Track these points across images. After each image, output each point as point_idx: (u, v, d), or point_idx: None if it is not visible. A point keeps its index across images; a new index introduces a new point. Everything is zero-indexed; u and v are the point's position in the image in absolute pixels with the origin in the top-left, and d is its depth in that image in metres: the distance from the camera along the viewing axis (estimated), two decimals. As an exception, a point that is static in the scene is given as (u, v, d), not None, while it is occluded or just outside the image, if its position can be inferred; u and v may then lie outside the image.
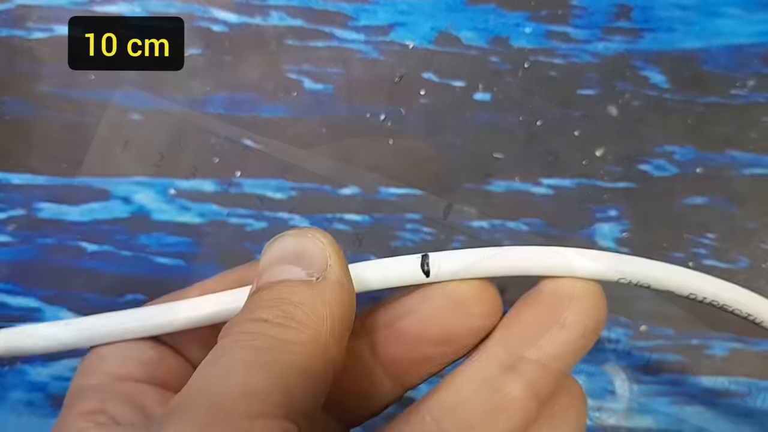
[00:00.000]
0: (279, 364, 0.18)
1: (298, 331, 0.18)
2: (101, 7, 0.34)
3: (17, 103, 0.34)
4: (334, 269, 0.20)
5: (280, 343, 0.18)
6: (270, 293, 0.19)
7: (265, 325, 0.18)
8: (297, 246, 0.20)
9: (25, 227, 0.33)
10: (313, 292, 0.19)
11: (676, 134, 0.32)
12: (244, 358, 0.17)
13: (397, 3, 0.34)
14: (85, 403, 0.22)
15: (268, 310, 0.18)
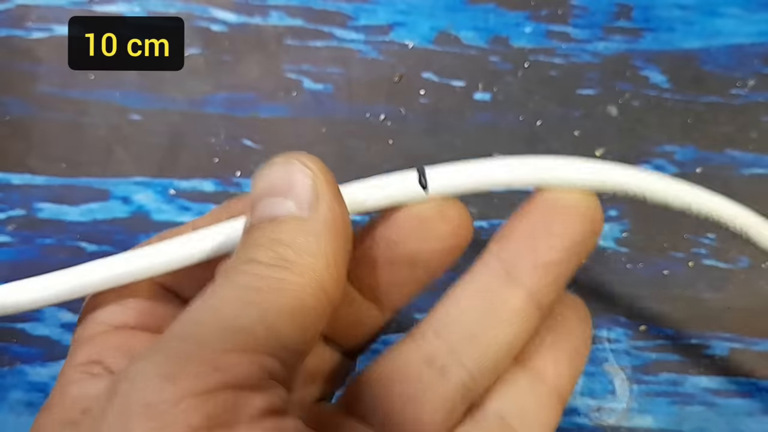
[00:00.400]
0: (268, 304, 0.17)
1: (291, 272, 0.18)
2: (101, 7, 0.34)
3: (17, 104, 0.34)
4: (325, 199, 0.19)
5: (273, 282, 0.17)
6: (261, 232, 0.19)
7: (258, 266, 0.18)
8: (285, 176, 0.19)
9: (25, 227, 0.33)
10: (304, 229, 0.18)
11: (676, 134, 0.32)
12: (232, 296, 0.17)
13: (396, 3, 0.34)
14: (80, 355, 0.21)
15: (261, 250, 0.18)
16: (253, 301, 0.17)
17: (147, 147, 0.33)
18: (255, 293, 0.17)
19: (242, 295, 0.17)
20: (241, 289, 0.17)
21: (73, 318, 0.32)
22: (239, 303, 0.17)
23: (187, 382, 0.15)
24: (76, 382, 0.20)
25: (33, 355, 0.32)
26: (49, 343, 0.32)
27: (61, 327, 0.32)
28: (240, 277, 0.18)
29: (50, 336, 0.32)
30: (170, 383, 0.15)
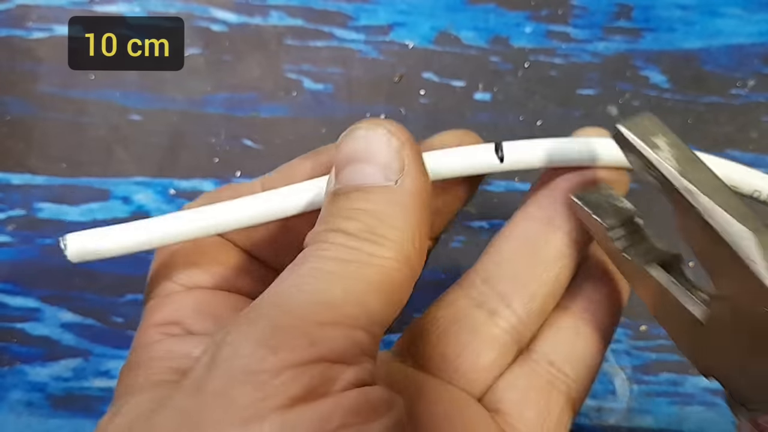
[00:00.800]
0: (358, 277, 0.18)
1: (380, 246, 0.18)
2: (101, 7, 0.34)
3: (17, 103, 0.34)
4: (411, 169, 0.19)
5: (363, 256, 0.18)
6: (349, 201, 0.19)
7: (347, 237, 0.18)
8: (372, 143, 0.19)
9: (25, 227, 0.33)
10: (392, 200, 0.19)
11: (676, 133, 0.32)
12: (323, 268, 0.17)
13: (397, 3, 0.34)
14: (157, 314, 0.21)
15: (349, 221, 0.18)
16: (344, 275, 0.17)
17: (147, 147, 0.33)
18: (345, 267, 0.18)
19: (334, 268, 0.17)
20: (331, 262, 0.18)
21: (73, 318, 0.32)
22: (332, 276, 0.17)
23: (286, 354, 0.16)
24: (157, 342, 0.20)
25: (33, 355, 0.32)
26: (48, 343, 0.32)
27: (60, 327, 0.32)
28: (330, 249, 0.18)
29: (50, 336, 0.32)
30: (272, 353, 0.16)
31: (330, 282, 0.17)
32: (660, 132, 0.19)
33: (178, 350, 0.20)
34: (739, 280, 0.18)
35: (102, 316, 0.32)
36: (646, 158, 0.18)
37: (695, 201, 0.18)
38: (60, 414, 0.32)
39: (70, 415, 0.32)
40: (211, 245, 0.22)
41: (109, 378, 0.32)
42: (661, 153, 0.18)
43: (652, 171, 0.18)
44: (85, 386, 0.32)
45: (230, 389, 0.16)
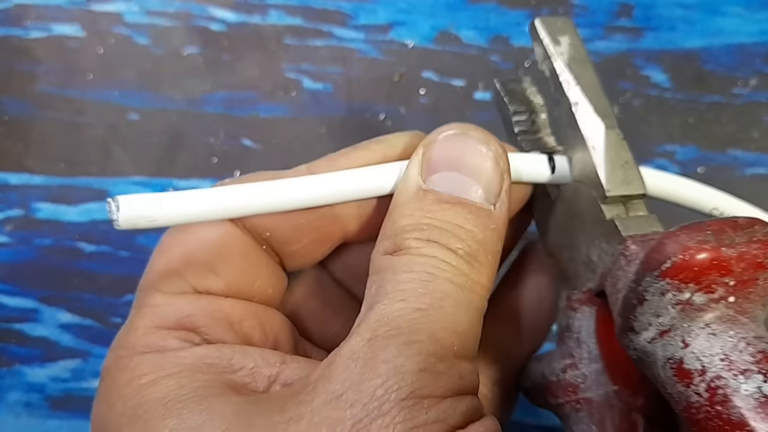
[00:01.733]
0: (472, 306, 0.18)
1: (479, 273, 0.18)
2: (99, 6, 0.34)
3: (15, 103, 0.34)
4: (506, 197, 0.19)
5: (471, 283, 0.18)
6: (453, 214, 0.18)
7: (458, 259, 0.18)
8: (481, 159, 0.19)
9: (23, 228, 0.33)
10: (490, 224, 0.19)
11: (677, 133, 0.32)
12: (452, 294, 0.18)
13: (397, 1, 0.34)
14: (165, 314, 0.19)
15: (457, 240, 0.18)
16: (465, 304, 0.18)
17: (146, 146, 0.33)
18: (463, 294, 0.18)
19: (457, 295, 0.18)
20: (453, 288, 0.18)
21: (72, 319, 0.32)
22: (459, 305, 0.18)
23: (446, 383, 0.16)
24: (178, 350, 0.18)
25: (31, 355, 0.32)
26: (47, 344, 0.32)
27: (59, 328, 0.32)
28: (448, 271, 0.18)
29: (48, 336, 0.32)
30: (435, 382, 0.16)
31: (460, 310, 0.17)
32: (568, 33, 0.21)
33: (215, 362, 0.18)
34: (582, 167, 0.20)
35: (101, 316, 0.32)
36: (546, 49, 0.21)
37: (568, 91, 0.20)
38: (58, 415, 0.32)
39: (68, 416, 0.31)
40: (227, 244, 0.20)
41: (107, 379, 0.32)
42: (559, 48, 0.21)
43: (548, 62, 0.21)
44: (83, 387, 0.32)
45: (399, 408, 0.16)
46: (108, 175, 0.33)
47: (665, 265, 0.16)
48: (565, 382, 0.21)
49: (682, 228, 0.17)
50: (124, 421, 0.17)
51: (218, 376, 0.18)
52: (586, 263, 0.20)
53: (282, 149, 0.33)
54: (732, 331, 0.17)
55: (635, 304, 0.17)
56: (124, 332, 0.19)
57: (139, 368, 0.18)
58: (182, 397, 0.17)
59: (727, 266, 0.16)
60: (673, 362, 0.17)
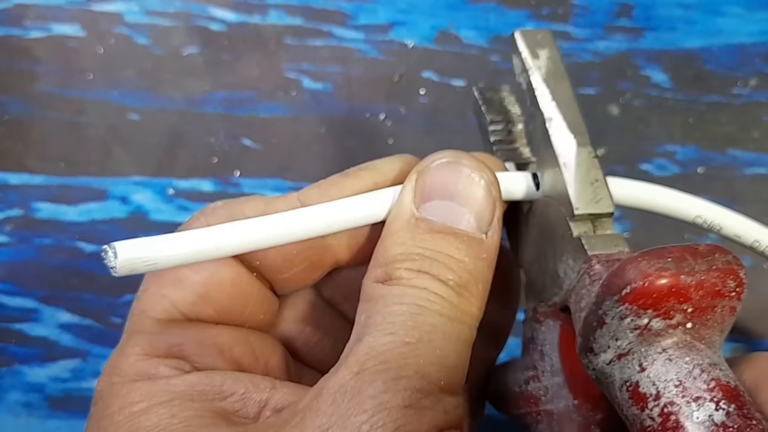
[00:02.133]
0: (462, 338, 0.18)
1: (471, 304, 0.18)
2: (99, 6, 0.34)
3: (15, 103, 0.34)
4: (497, 225, 0.19)
5: (461, 314, 0.18)
6: (444, 244, 0.18)
7: (448, 290, 0.18)
8: (473, 188, 0.19)
9: (23, 227, 0.33)
10: (480, 255, 0.19)
11: (677, 134, 0.32)
12: (441, 327, 0.18)
13: (397, 1, 0.34)
14: (155, 342, 0.19)
15: (447, 271, 0.18)
16: (454, 337, 0.18)
17: (145, 146, 0.33)
18: (452, 327, 0.18)
19: (447, 328, 0.18)
20: (442, 321, 0.18)
21: (71, 319, 0.32)
22: (447, 339, 0.18)
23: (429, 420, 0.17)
24: (169, 378, 0.18)
25: (31, 355, 0.32)
26: (47, 344, 0.32)
27: (59, 328, 0.32)
28: (437, 303, 0.18)
29: (48, 337, 0.32)
30: (420, 419, 0.16)
31: (448, 344, 0.18)
32: (547, 47, 0.21)
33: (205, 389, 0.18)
34: (553, 183, 0.20)
35: (100, 316, 0.32)
36: (524, 63, 0.21)
37: (543, 106, 0.20)
38: (58, 415, 0.32)
39: (68, 416, 0.31)
40: (217, 272, 0.20)
41: (107, 379, 0.32)
42: (537, 62, 0.21)
43: (524, 75, 0.21)
44: (83, 387, 0.32)
45: None
46: (108, 175, 0.33)
47: (625, 291, 0.16)
48: (527, 394, 0.21)
49: (643, 253, 0.17)
50: None
51: (209, 404, 0.18)
52: (553, 278, 0.20)
53: (282, 149, 0.33)
54: (688, 357, 0.17)
55: (595, 326, 0.17)
56: (116, 357, 0.19)
57: (131, 395, 0.18)
58: (173, 426, 0.17)
59: (686, 294, 0.17)
60: (629, 385, 0.17)
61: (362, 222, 0.20)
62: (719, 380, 0.17)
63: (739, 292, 0.18)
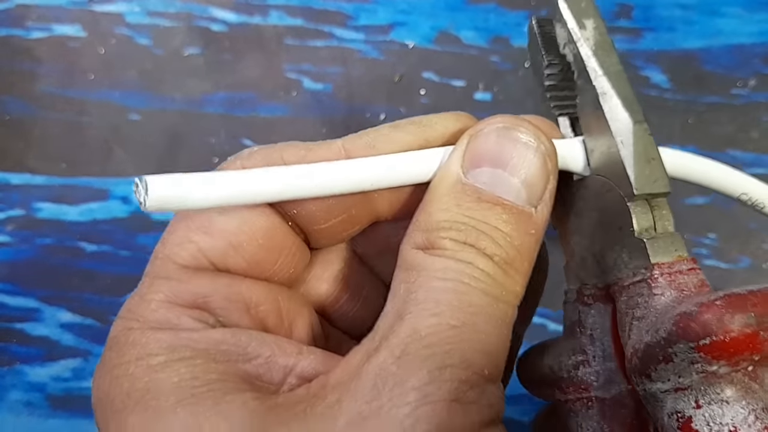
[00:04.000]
0: (504, 318, 0.17)
1: (516, 282, 0.17)
2: (100, 7, 0.34)
3: (16, 103, 0.34)
4: (549, 199, 0.18)
5: (505, 294, 0.17)
6: (491, 215, 0.17)
7: (493, 267, 0.17)
8: (528, 158, 0.18)
9: (24, 227, 0.33)
10: (529, 230, 0.18)
11: (677, 134, 0.32)
12: (485, 309, 0.17)
13: (397, 2, 0.34)
14: (180, 289, 0.18)
15: (494, 245, 0.17)
16: (498, 317, 0.17)
17: (146, 146, 0.33)
18: (496, 307, 0.17)
19: (491, 309, 0.17)
20: (487, 300, 0.17)
21: (72, 318, 0.32)
22: (491, 320, 0.17)
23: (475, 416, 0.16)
24: (192, 331, 0.17)
25: (32, 355, 0.32)
26: (48, 344, 0.32)
27: (60, 327, 0.32)
28: (481, 279, 0.17)
29: (49, 336, 0.32)
30: (464, 414, 0.15)
31: (492, 326, 0.17)
32: (592, 16, 0.20)
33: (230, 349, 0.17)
34: (606, 159, 0.19)
35: (101, 316, 0.32)
36: (570, 33, 0.20)
37: (595, 80, 0.19)
38: (59, 414, 0.32)
39: (69, 416, 0.31)
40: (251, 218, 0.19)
41: (108, 378, 0.32)
42: (584, 32, 0.20)
43: (572, 46, 0.20)
44: (84, 386, 0.32)
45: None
46: (109, 175, 0.33)
47: (703, 341, 0.16)
48: (577, 380, 0.20)
49: (724, 299, 0.16)
50: (131, 404, 0.16)
51: (232, 365, 0.17)
52: (598, 261, 0.20)
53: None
54: (744, 401, 0.17)
55: (660, 360, 0.17)
56: (135, 302, 0.18)
57: (150, 345, 0.17)
58: (196, 389, 0.16)
59: (760, 348, 0.16)
60: (681, 417, 0.17)
61: (407, 182, 0.19)
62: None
63: None
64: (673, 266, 0.18)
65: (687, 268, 0.18)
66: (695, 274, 0.18)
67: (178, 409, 0.16)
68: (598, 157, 0.20)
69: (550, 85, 0.21)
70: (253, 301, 0.19)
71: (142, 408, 0.16)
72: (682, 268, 0.18)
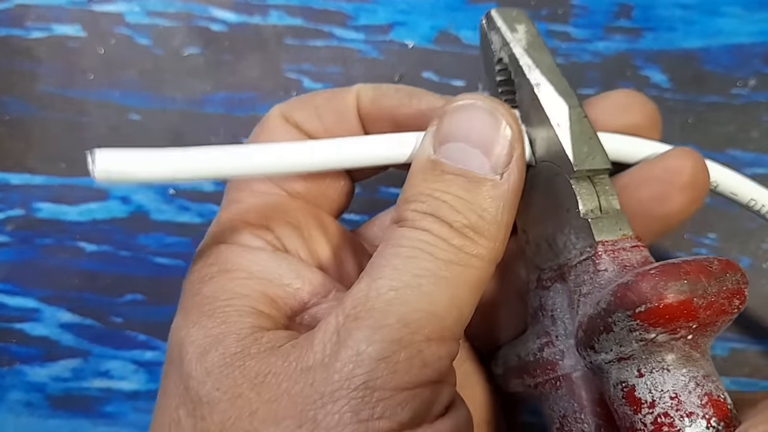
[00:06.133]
0: (461, 282, 0.18)
1: (478, 245, 0.18)
2: (100, 7, 0.34)
3: (16, 103, 0.34)
4: (518, 165, 0.19)
5: (465, 257, 0.18)
6: (453, 185, 0.18)
7: (451, 232, 0.18)
8: (488, 129, 0.19)
9: (24, 227, 0.33)
10: (495, 196, 0.19)
11: (676, 134, 0.32)
12: (434, 271, 0.17)
13: (396, 2, 0.34)
14: (252, 211, 0.20)
15: (453, 213, 0.18)
16: (451, 280, 0.18)
17: (146, 146, 0.33)
18: (451, 270, 0.18)
19: (443, 272, 0.18)
20: (440, 264, 0.18)
21: (72, 318, 0.32)
22: (442, 282, 0.17)
23: (403, 375, 0.16)
24: (251, 251, 0.20)
25: (32, 355, 0.32)
26: (47, 344, 0.32)
27: (59, 327, 0.32)
28: (437, 246, 0.18)
29: (49, 336, 0.32)
30: (391, 372, 0.16)
31: (440, 288, 0.17)
32: (523, 22, 0.22)
33: (272, 271, 0.19)
34: (548, 146, 0.20)
35: (101, 316, 0.32)
36: (503, 37, 0.21)
37: (529, 74, 0.21)
38: (59, 414, 0.32)
39: (69, 416, 0.32)
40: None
41: (108, 378, 0.32)
42: (516, 35, 0.21)
43: (506, 49, 0.21)
44: (84, 387, 0.32)
45: (350, 399, 0.16)
46: (109, 175, 0.33)
47: (639, 309, 0.17)
48: (543, 361, 0.21)
49: (659, 269, 0.17)
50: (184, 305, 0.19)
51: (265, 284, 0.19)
52: (550, 244, 0.20)
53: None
54: (685, 369, 0.17)
55: (601, 330, 0.17)
56: (213, 222, 0.21)
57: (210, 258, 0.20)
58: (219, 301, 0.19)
59: (696, 314, 0.17)
60: (625, 386, 0.18)
61: (387, 161, 0.20)
62: (711, 395, 0.17)
63: (740, 308, 0.18)
64: (617, 243, 0.19)
65: (631, 245, 0.19)
66: (639, 251, 0.19)
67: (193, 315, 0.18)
68: (540, 145, 0.20)
69: (501, 80, 0.22)
70: (308, 228, 0.21)
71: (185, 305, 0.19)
72: (625, 245, 0.19)
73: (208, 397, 0.17)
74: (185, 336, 0.18)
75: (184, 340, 0.18)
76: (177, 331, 0.19)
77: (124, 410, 0.31)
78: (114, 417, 0.31)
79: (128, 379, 0.32)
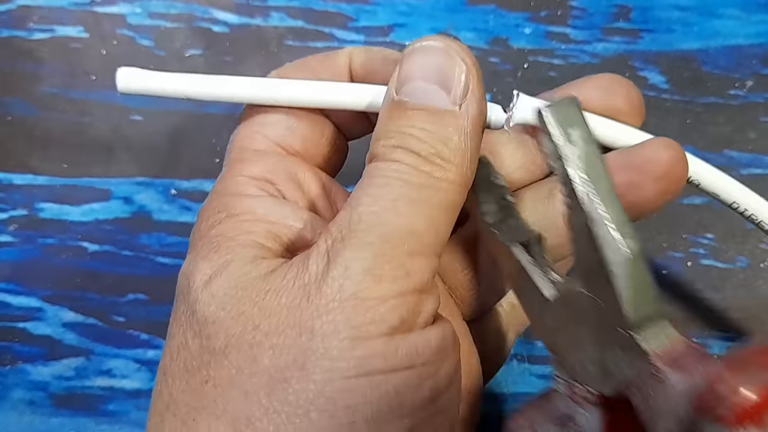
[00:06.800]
0: (434, 203, 0.19)
1: (446, 170, 0.19)
2: (102, 8, 0.34)
3: (19, 104, 0.34)
4: (476, 95, 0.20)
5: (434, 180, 0.19)
6: (417, 119, 0.20)
7: (419, 160, 0.19)
8: (443, 67, 0.20)
9: (27, 227, 0.33)
10: (456, 125, 0.20)
11: (674, 134, 0.32)
12: (409, 195, 0.19)
13: (397, 4, 0.34)
14: (253, 167, 0.22)
15: (419, 143, 0.19)
16: (425, 202, 0.19)
17: (148, 147, 0.34)
18: (424, 193, 0.19)
19: (417, 195, 0.19)
20: (414, 188, 0.19)
21: (75, 318, 0.32)
22: (416, 204, 0.19)
23: (389, 285, 0.18)
24: (255, 197, 0.21)
25: (34, 354, 0.32)
26: (50, 343, 0.32)
27: (62, 326, 0.32)
28: (408, 173, 0.19)
29: (52, 335, 0.32)
30: (377, 283, 0.18)
31: (415, 209, 0.19)
32: (578, 126, 0.19)
33: (275, 213, 0.21)
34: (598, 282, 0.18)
35: (103, 315, 0.32)
36: (558, 150, 0.18)
37: (585, 203, 0.18)
38: (62, 413, 0.32)
39: (72, 414, 0.32)
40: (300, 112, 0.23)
41: (110, 377, 0.32)
42: (572, 149, 0.18)
43: (560, 164, 0.18)
44: (87, 385, 0.32)
45: (342, 309, 0.18)
46: (111, 175, 0.33)
47: (724, 413, 0.16)
48: None
49: (728, 368, 0.17)
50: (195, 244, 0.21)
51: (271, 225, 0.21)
52: (596, 363, 0.19)
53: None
54: None
55: None
56: (217, 180, 0.23)
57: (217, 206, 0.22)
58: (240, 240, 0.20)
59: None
60: None
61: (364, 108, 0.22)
62: None
63: None
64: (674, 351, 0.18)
65: (685, 348, 0.18)
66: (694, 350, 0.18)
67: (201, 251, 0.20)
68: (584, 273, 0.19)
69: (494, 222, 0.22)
70: (306, 181, 0.22)
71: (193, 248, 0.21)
72: (679, 347, 0.18)
73: (213, 317, 0.19)
74: (193, 268, 0.20)
75: (192, 272, 0.20)
76: (186, 266, 0.20)
77: (126, 409, 0.31)
78: (116, 415, 0.31)
79: (130, 377, 0.32)
